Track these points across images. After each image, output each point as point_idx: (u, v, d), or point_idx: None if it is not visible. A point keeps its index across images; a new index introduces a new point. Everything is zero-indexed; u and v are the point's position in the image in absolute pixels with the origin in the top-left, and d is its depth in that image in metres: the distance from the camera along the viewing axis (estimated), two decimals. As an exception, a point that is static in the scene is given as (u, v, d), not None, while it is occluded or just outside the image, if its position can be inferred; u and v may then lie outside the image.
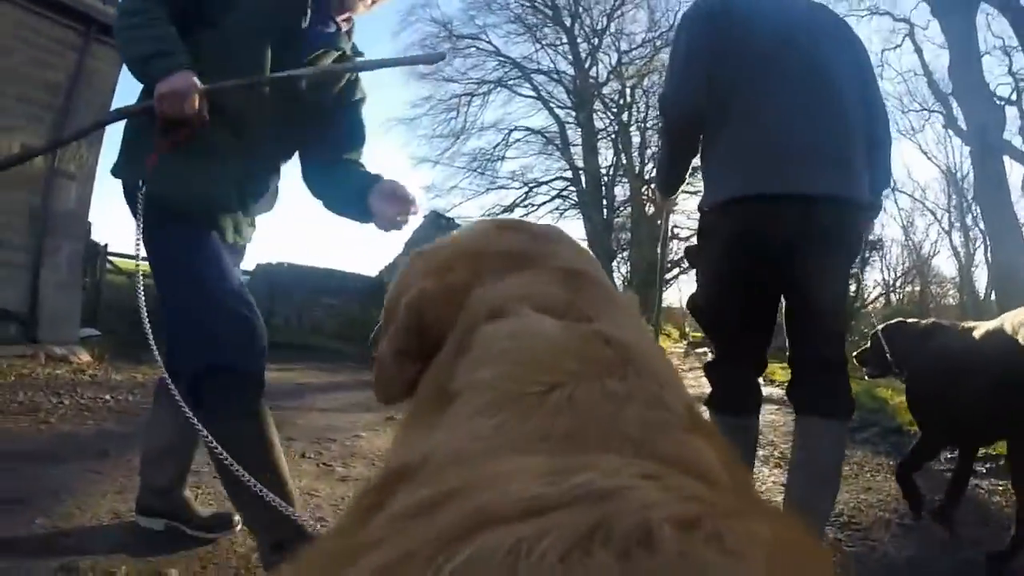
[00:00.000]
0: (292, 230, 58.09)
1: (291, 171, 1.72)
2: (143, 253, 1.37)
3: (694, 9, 1.77)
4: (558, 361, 0.38)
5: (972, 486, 2.66)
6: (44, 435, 2.77)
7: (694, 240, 2.04)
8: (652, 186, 21.82)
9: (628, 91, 20.34)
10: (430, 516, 0.25)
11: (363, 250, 52.84)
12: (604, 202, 19.78)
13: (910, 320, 2.58)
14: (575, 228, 21.13)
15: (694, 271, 2.08)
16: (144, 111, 1.34)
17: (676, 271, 23.92)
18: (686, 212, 20.86)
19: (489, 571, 0.21)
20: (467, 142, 20.23)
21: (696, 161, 1.89)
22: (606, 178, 20.02)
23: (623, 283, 21.45)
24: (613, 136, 20.25)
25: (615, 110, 20.40)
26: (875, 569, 1.93)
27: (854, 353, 2.72)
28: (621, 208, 20.56)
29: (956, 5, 11.09)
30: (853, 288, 20.63)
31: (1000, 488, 2.88)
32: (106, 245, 10.17)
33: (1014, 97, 14.17)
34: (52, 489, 2.03)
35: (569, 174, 19.93)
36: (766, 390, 3.07)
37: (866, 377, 3.08)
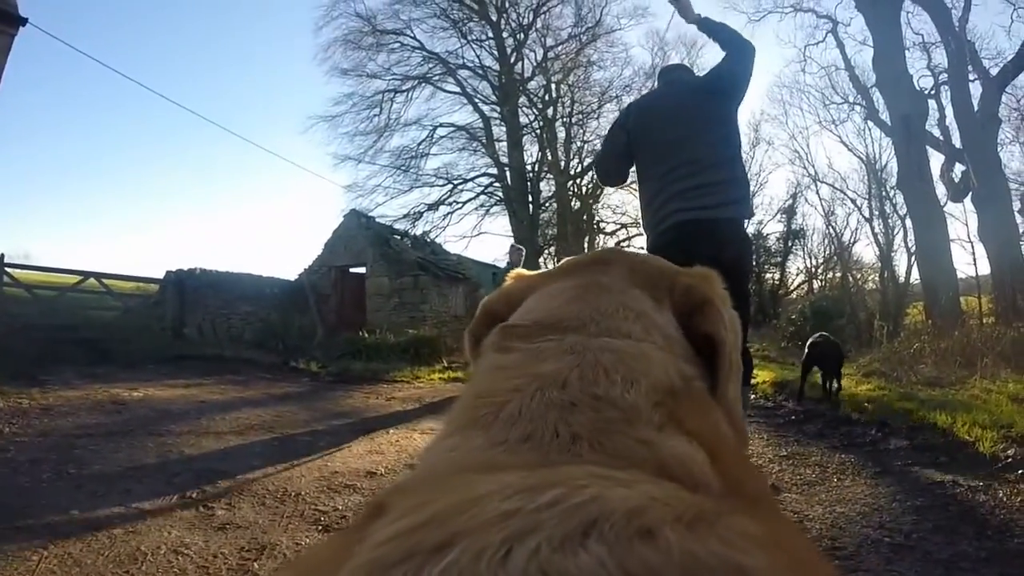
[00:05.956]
0: (206, 234, 55.09)
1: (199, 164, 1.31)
2: None
3: (619, 114, 2.86)
4: (507, 383, 0.41)
5: (954, 491, 2.62)
6: None
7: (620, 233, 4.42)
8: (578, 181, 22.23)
9: (553, 87, 20.74)
10: (403, 540, 0.24)
11: (282, 253, 49.93)
12: (530, 198, 20.04)
13: None
14: (501, 224, 21.30)
15: None
16: None
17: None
18: (610, 207, 21.58)
19: (478, 569, 0.21)
20: (390, 139, 19.99)
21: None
22: (531, 174, 20.29)
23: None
24: (538, 131, 20.60)
25: (540, 106, 20.75)
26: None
27: None
28: (547, 204, 20.93)
29: (880, -1, 11.31)
30: (777, 277, 21.47)
31: (980, 486, 2.72)
32: (2, 256, 9.49)
33: (933, 91, 14.34)
34: None
35: (494, 170, 20.10)
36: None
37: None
